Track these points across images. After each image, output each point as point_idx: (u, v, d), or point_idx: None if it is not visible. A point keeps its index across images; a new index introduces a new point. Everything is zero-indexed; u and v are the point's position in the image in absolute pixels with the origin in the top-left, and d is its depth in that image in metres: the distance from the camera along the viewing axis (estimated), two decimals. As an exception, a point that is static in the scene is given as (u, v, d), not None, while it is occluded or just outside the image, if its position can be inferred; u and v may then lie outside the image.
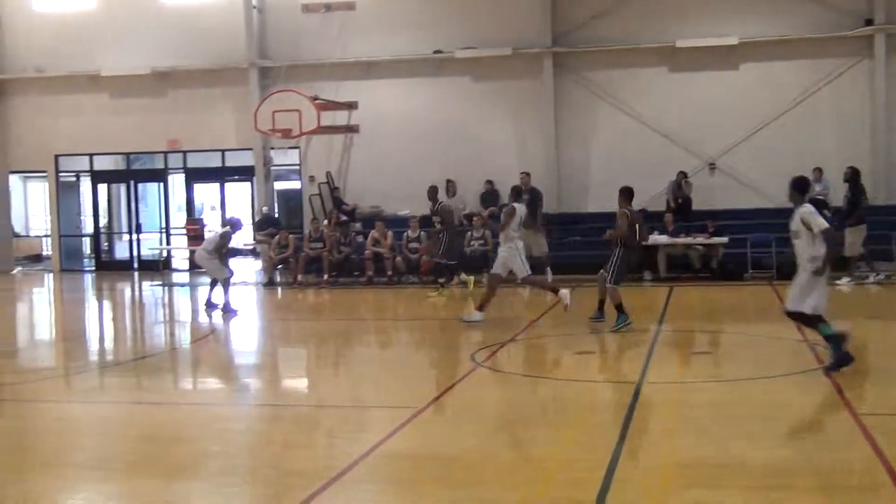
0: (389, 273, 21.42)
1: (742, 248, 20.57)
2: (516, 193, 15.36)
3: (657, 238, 20.81)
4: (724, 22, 23.39)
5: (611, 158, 23.82)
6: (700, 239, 20.73)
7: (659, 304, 17.04)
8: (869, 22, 22.82)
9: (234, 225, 17.78)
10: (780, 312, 10.57)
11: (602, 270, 13.75)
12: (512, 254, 14.40)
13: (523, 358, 12.30)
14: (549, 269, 20.61)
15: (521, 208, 14.73)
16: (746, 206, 22.71)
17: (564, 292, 14.38)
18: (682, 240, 20.80)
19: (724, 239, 20.55)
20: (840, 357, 9.81)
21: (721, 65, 23.60)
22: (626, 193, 14.06)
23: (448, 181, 23.19)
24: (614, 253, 13.73)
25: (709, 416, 8.39)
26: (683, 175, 22.91)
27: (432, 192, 18.91)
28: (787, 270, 19.61)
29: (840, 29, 22.99)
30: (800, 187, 10.78)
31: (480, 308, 14.51)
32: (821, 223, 9.98)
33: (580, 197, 24.00)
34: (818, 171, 22.36)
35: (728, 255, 20.77)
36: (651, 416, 8.40)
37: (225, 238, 17.39)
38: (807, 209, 10.27)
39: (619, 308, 13.59)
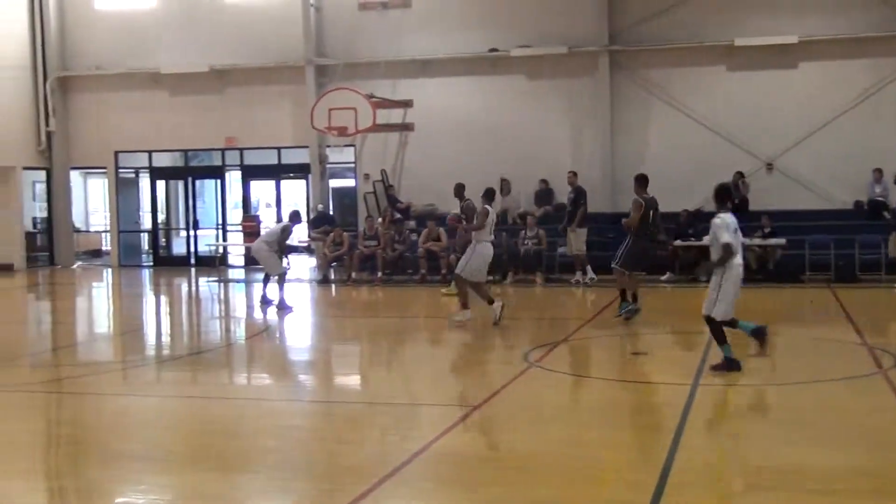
0: (443, 271, 21.43)
1: (800, 250, 20.31)
2: (489, 196, 14.86)
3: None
4: (783, 20, 23.08)
5: (666, 158, 23.62)
6: (757, 240, 20.50)
7: (714, 306, 16.84)
8: (931, 20, 22.41)
9: (294, 219, 17.98)
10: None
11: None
12: (474, 253, 14.43)
13: (577, 358, 12.26)
14: (588, 267, 20.57)
15: (492, 212, 14.61)
16: (804, 208, 22.39)
17: (497, 305, 14.35)
18: (738, 240, 20.54)
19: (782, 240, 20.30)
20: (728, 362, 10.22)
21: (780, 64, 23.29)
22: (641, 181, 14.68)
23: (502, 180, 23.18)
24: (626, 240, 14.35)
25: (765, 419, 8.32)
26: (740, 175, 22.67)
27: (459, 190, 18.70)
28: (845, 273, 19.49)
29: (901, 28, 22.61)
30: (719, 196, 10.95)
31: (464, 306, 14.54)
32: (723, 237, 10.29)
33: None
34: (878, 171, 22.08)
35: (786, 257, 20.51)
36: (706, 419, 8.33)
37: (286, 232, 17.57)
38: (717, 220, 10.55)
39: (623, 295, 14.18)
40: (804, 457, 7.07)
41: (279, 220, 24.52)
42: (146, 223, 29.06)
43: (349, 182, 27.02)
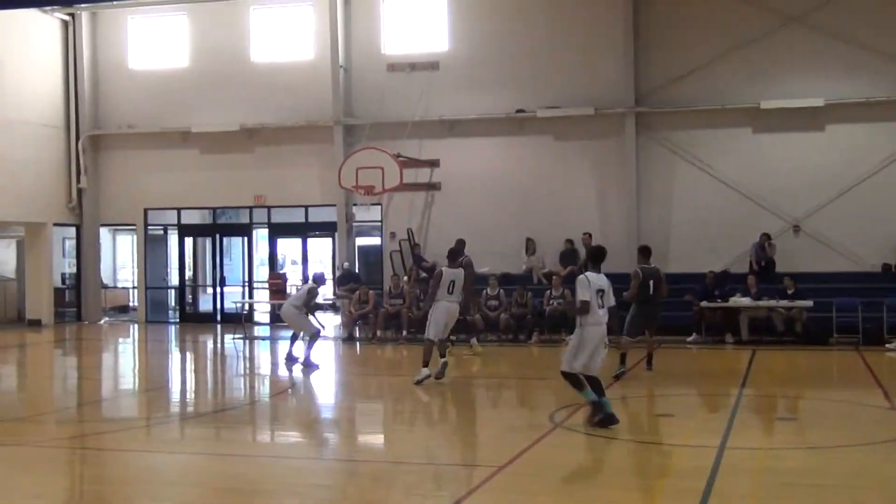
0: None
1: (827, 312, 20.17)
2: (451, 257, 15.02)
3: (739, 300, 20.56)
4: (809, 83, 23.15)
5: (692, 219, 23.63)
6: (783, 302, 20.37)
7: (741, 368, 16.77)
8: (958, 84, 22.42)
9: (318, 280, 18.15)
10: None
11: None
12: (432, 316, 14.61)
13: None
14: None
15: (449, 273, 14.67)
16: (832, 270, 22.28)
17: (425, 371, 14.51)
18: (764, 303, 20.47)
19: (809, 302, 20.17)
20: (606, 416, 10.68)
21: (806, 126, 23.32)
22: (643, 252, 15.79)
23: (528, 239, 23.26)
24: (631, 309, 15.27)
25: (793, 483, 8.21)
26: (767, 237, 22.63)
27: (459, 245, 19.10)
28: (872, 336, 19.32)
29: (929, 91, 22.63)
30: (592, 256, 11.85)
31: (425, 364, 14.65)
32: (581, 295, 10.89)
33: (661, 257, 23.62)
34: (905, 234, 21.98)
35: (813, 319, 20.36)
36: (733, 483, 8.23)
37: (312, 293, 17.72)
38: (581, 278, 11.12)
39: (623, 358, 14.89)
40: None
41: (305, 278, 24.62)
42: (173, 280, 29.26)
43: (375, 240, 27.15)
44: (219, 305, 28.14)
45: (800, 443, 10.40)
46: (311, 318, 18.00)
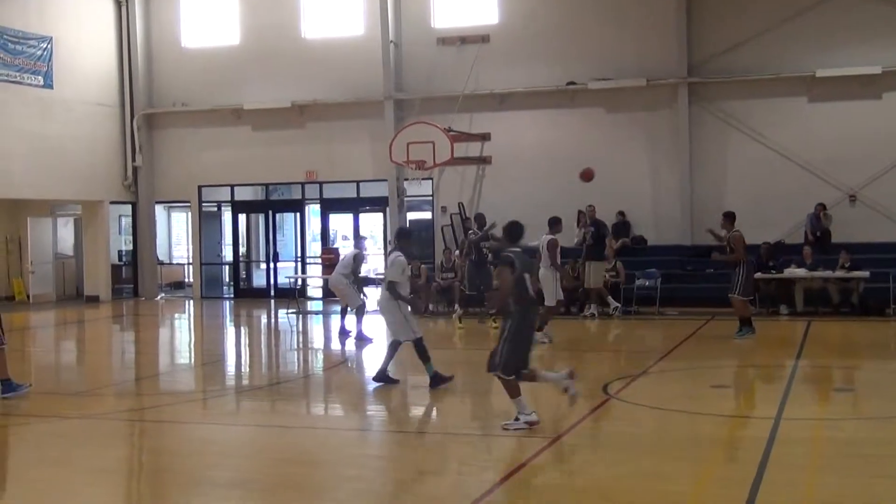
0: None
1: (884, 283, 19.88)
2: (399, 236, 13.21)
3: (794, 271, 20.35)
4: (865, 50, 22.74)
5: (746, 190, 23.37)
6: (839, 273, 20.12)
7: (797, 339, 16.64)
8: None
9: (359, 244, 18.13)
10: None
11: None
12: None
13: (657, 390, 12.13)
14: (609, 298, 20.76)
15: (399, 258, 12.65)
16: (889, 240, 21.95)
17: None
18: (820, 273, 20.23)
19: (865, 273, 19.89)
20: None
21: (863, 94, 22.94)
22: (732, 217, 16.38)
23: (580, 212, 23.15)
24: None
25: (849, 454, 8.15)
26: (822, 207, 22.33)
27: (480, 220, 18.99)
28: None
29: None
30: (507, 232, 10.82)
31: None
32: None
33: (715, 228, 23.55)
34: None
35: (869, 290, 20.09)
36: (789, 453, 8.19)
37: (358, 259, 17.70)
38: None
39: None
40: (890, 493, 6.92)
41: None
42: (227, 256, 29.58)
43: (426, 215, 27.19)
44: (272, 281, 28.42)
45: (855, 413, 10.32)
46: (357, 290, 17.87)
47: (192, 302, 27.95)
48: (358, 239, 18.33)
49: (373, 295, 18.83)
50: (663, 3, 24.05)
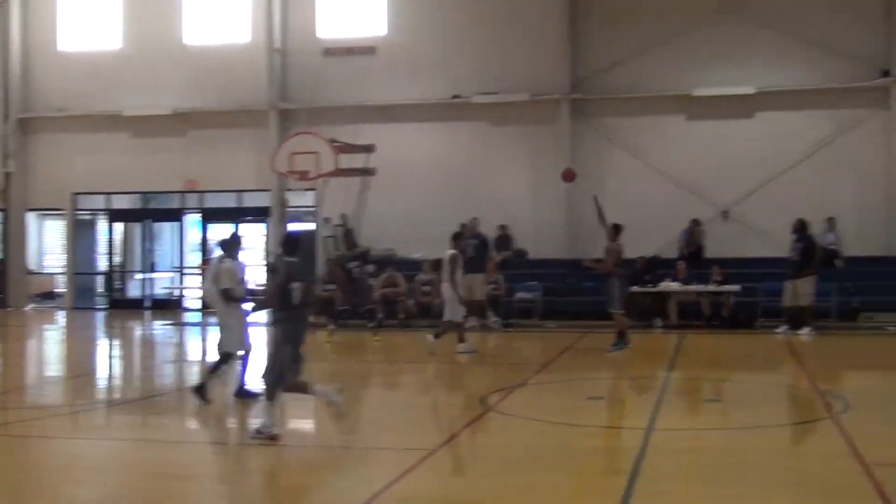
0: (401, 316, 21.44)
1: (754, 297, 20.52)
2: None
3: (668, 285, 20.84)
4: (740, 72, 23.53)
5: (624, 204, 23.72)
6: (711, 287, 20.70)
7: (670, 352, 17.04)
8: (885, 73, 22.94)
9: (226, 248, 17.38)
10: None
11: None
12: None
13: (534, 402, 12.24)
14: (489, 313, 20.83)
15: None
16: (759, 255, 22.67)
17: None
18: (693, 287, 20.78)
19: (736, 287, 20.53)
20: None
21: (737, 114, 23.72)
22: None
23: (462, 225, 23.22)
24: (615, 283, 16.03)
25: (719, 463, 8.35)
26: (696, 223, 22.96)
27: (349, 237, 19.33)
28: (797, 320, 19.69)
29: (856, 80, 23.12)
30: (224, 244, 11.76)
31: None
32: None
33: (593, 241, 23.92)
34: (831, 221, 22.49)
35: (740, 304, 20.72)
36: (661, 463, 8.35)
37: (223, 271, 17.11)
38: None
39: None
40: (759, 501, 7.11)
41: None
42: (102, 265, 28.81)
43: (309, 226, 26.97)
44: (148, 291, 27.80)
45: (724, 423, 10.59)
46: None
47: (63, 313, 27.13)
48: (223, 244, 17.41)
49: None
50: (548, 21, 24.44)
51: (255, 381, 11.25)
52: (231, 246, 12.41)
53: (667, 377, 13.87)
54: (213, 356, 12.32)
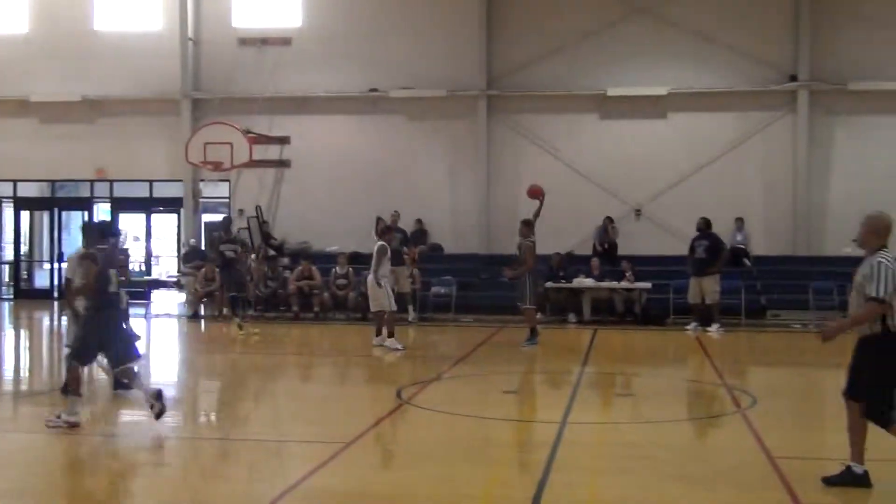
0: (316, 309, 21.34)
1: (665, 294, 20.89)
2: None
3: (582, 281, 21.10)
4: (654, 73, 23.90)
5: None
6: (624, 283, 21.02)
7: (583, 347, 17.25)
8: (793, 78, 23.52)
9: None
10: None
11: None
12: None
13: (449, 396, 12.30)
14: (410, 306, 20.85)
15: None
16: (670, 253, 23.05)
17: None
18: (606, 284, 21.08)
19: (648, 284, 20.88)
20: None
21: (650, 114, 24.11)
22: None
23: (378, 219, 23.19)
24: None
25: (630, 456, 8.49)
26: (609, 220, 23.29)
27: (226, 222, 19.56)
28: (707, 317, 20.13)
29: (766, 84, 23.67)
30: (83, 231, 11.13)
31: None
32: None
33: (509, 237, 24.09)
34: (740, 220, 23.00)
35: (651, 301, 21.08)
36: (574, 456, 8.47)
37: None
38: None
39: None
40: (667, 493, 7.25)
41: (148, 254, 23.97)
42: (7, 255, 28.07)
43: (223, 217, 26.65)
44: (56, 281, 27.16)
45: (635, 417, 10.77)
46: None
47: (-33, 303, 26.37)
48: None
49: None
50: (465, 17, 24.50)
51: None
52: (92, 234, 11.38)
53: (580, 372, 14.05)
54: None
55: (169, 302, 25.30)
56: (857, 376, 7.25)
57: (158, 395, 9.45)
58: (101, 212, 27.55)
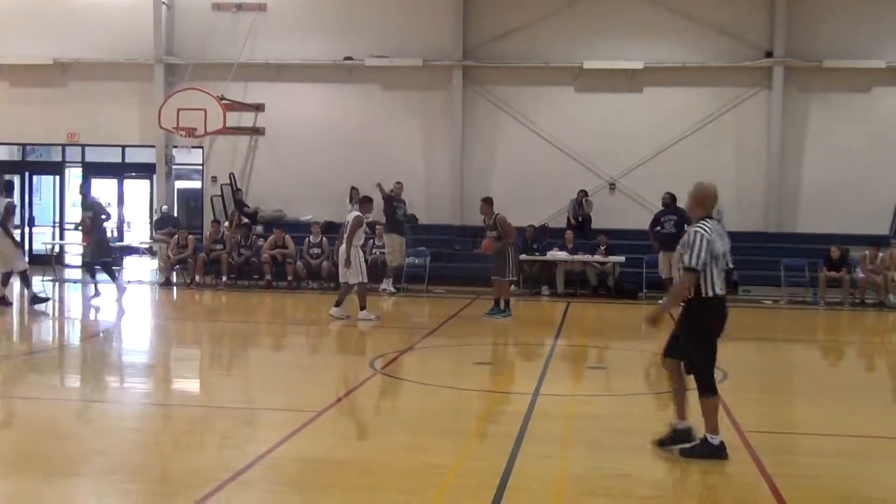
0: (289, 278, 21.28)
1: (638, 268, 20.98)
2: None
3: (556, 254, 21.14)
4: (630, 46, 23.89)
5: (514, 173, 24.11)
6: (597, 257, 21.08)
7: (556, 320, 17.31)
8: (769, 54, 23.57)
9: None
10: None
11: None
12: None
13: (421, 366, 12.33)
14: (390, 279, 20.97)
15: None
16: (644, 227, 23.08)
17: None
18: (580, 257, 21.14)
19: (621, 258, 20.96)
20: None
21: (626, 88, 24.10)
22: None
23: (352, 188, 23.13)
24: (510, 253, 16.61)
25: (601, 428, 8.54)
26: (584, 193, 23.32)
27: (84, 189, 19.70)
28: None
29: (741, 59, 23.71)
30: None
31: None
32: None
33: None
34: (714, 196, 23.05)
35: (624, 274, 21.17)
36: (546, 427, 8.50)
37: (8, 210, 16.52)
38: None
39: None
40: (637, 465, 7.30)
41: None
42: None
43: (195, 184, 26.54)
44: (27, 246, 26.88)
45: (607, 390, 10.84)
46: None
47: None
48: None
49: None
50: (442, -14, 24.36)
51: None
52: None
53: (553, 344, 14.10)
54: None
55: (141, 269, 25.15)
56: (677, 340, 7.68)
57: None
58: (73, 176, 27.31)
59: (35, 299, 16.34)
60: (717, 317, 7.45)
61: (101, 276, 18.69)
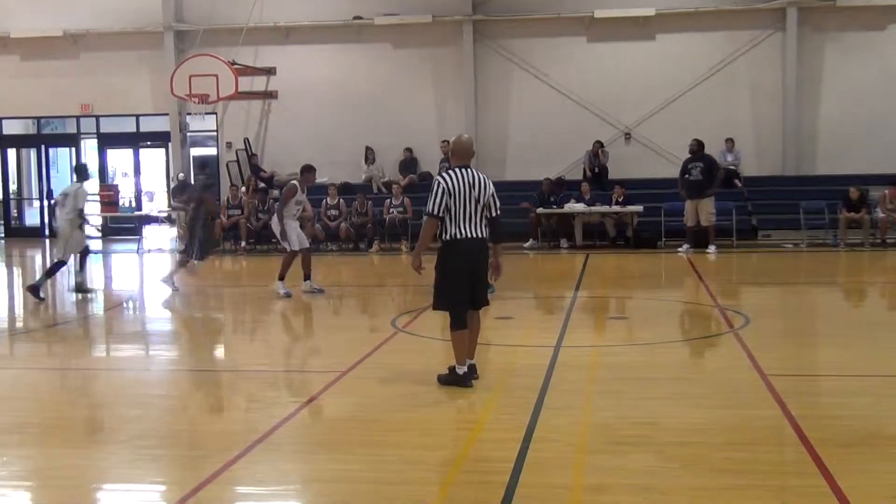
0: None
1: (656, 217, 20.93)
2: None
3: (574, 206, 21.10)
4: (641, -8, 23.65)
5: (528, 127, 24.01)
6: (615, 207, 21.03)
7: (576, 272, 17.31)
8: (782, -5, 23.31)
9: (81, 175, 15.69)
10: None
11: None
12: None
13: (444, 323, 12.34)
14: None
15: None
16: (661, 176, 23.07)
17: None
18: (597, 208, 21.09)
19: (639, 207, 20.89)
20: None
21: (638, 35, 23.90)
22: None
23: (367, 148, 23.15)
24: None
25: (624, 378, 8.57)
26: (600, 144, 23.21)
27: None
28: (699, 238, 20.19)
29: (754, 2, 23.47)
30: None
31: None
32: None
33: (498, 164, 24.10)
34: (730, 141, 22.94)
35: (643, 224, 21.12)
36: (568, 379, 8.54)
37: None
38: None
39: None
40: (662, 413, 7.34)
41: (138, 190, 23.73)
42: (-4, 193, 27.99)
43: (211, 150, 26.55)
44: (46, 219, 27.06)
45: (629, 340, 10.86)
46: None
47: (-43, 242, 26.29)
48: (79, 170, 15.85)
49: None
50: (449, -60, 24.16)
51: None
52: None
53: (573, 296, 14.11)
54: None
55: (160, 237, 25.26)
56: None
57: None
58: (89, 148, 27.38)
59: (80, 287, 16.02)
60: (460, 258, 8.16)
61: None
